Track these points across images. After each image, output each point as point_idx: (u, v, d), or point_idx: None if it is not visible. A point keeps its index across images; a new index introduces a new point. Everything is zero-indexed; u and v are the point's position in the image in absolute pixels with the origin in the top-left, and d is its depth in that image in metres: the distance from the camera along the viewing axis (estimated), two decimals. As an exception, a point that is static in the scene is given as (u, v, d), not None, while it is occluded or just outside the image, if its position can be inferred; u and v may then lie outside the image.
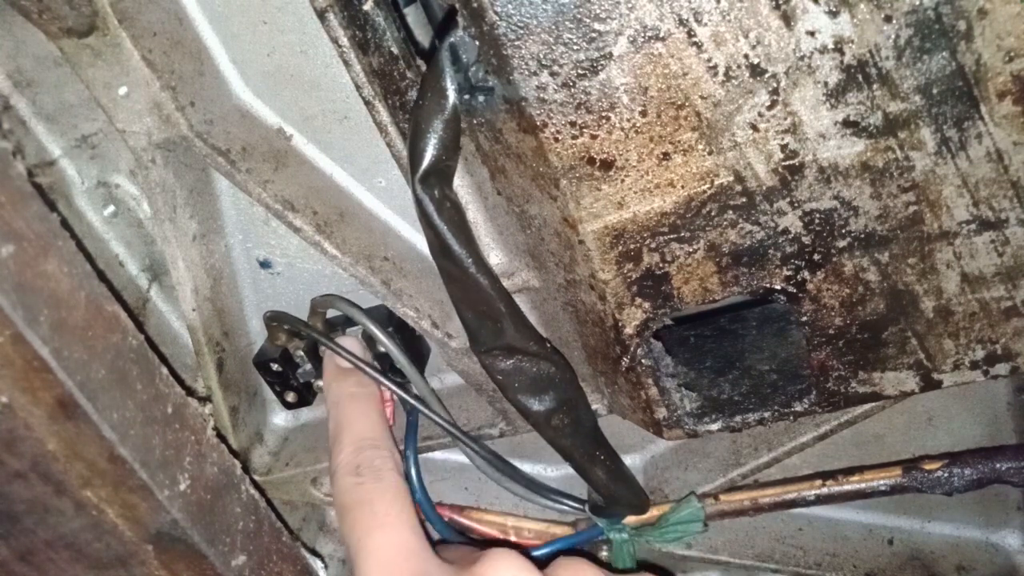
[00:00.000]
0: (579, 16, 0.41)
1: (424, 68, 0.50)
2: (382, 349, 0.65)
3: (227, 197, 0.66)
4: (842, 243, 0.47)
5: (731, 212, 0.47)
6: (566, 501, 0.71)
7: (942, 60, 0.40)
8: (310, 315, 0.67)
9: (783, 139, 0.44)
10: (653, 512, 0.71)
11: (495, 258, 0.58)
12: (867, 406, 0.62)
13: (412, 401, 0.65)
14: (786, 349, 0.58)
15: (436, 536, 0.71)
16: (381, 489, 0.58)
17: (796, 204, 0.46)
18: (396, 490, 0.58)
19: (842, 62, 0.41)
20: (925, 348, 0.50)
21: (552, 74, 0.43)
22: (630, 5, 0.41)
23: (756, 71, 0.42)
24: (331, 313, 0.68)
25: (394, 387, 0.64)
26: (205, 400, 0.69)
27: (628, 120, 0.44)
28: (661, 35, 0.41)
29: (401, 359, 0.64)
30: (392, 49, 0.49)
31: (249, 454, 0.75)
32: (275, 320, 0.67)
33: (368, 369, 0.64)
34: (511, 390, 0.56)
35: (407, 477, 0.70)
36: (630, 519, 0.71)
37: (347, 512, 0.58)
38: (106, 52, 0.55)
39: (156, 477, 0.49)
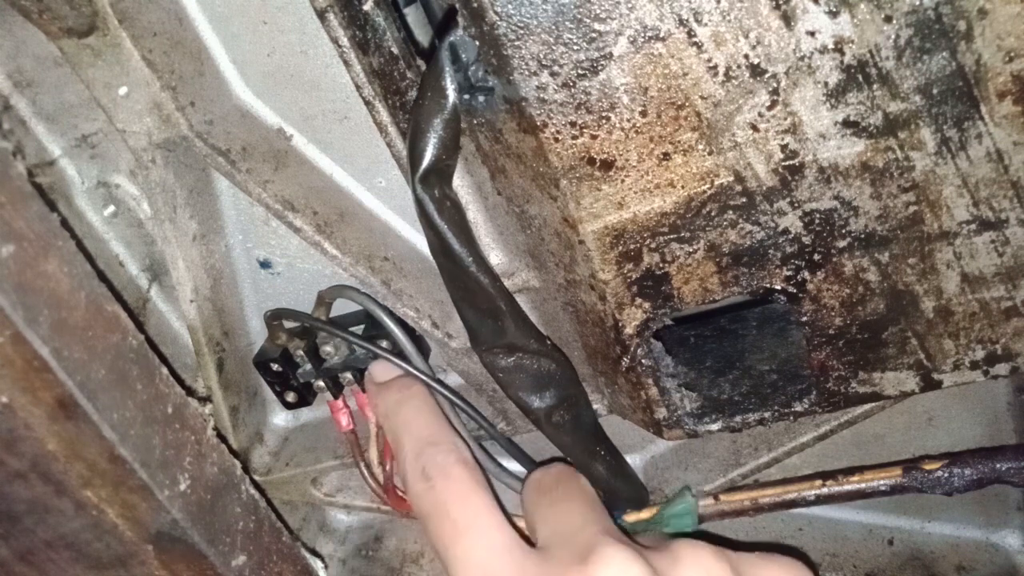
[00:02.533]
0: (579, 16, 0.41)
1: (424, 68, 0.50)
2: (387, 345, 0.65)
3: (227, 197, 0.66)
4: (842, 243, 0.47)
5: (731, 212, 0.47)
6: (566, 501, 0.71)
7: (942, 60, 0.40)
8: (316, 306, 0.66)
9: (783, 139, 0.44)
10: (652, 510, 0.71)
11: (495, 258, 0.58)
12: (867, 406, 0.62)
13: (447, 394, 0.64)
14: (786, 349, 0.58)
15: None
16: (453, 489, 0.54)
17: (796, 204, 0.46)
18: (468, 486, 0.54)
19: (842, 62, 0.41)
20: (925, 348, 0.50)
21: (552, 74, 0.43)
22: (630, 5, 0.41)
23: (756, 71, 0.42)
24: (334, 314, 0.68)
25: (429, 380, 0.63)
26: (205, 400, 0.69)
27: (628, 120, 0.44)
28: (661, 35, 0.41)
29: (408, 347, 0.64)
30: (392, 49, 0.49)
31: (249, 454, 0.75)
32: (276, 317, 0.67)
33: (390, 357, 0.63)
34: (512, 387, 0.56)
35: None
36: (628, 516, 0.71)
37: (428, 521, 0.55)
38: (106, 52, 0.55)
39: (156, 477, 0.49)
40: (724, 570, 0.48)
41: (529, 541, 0.53)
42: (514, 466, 0.73)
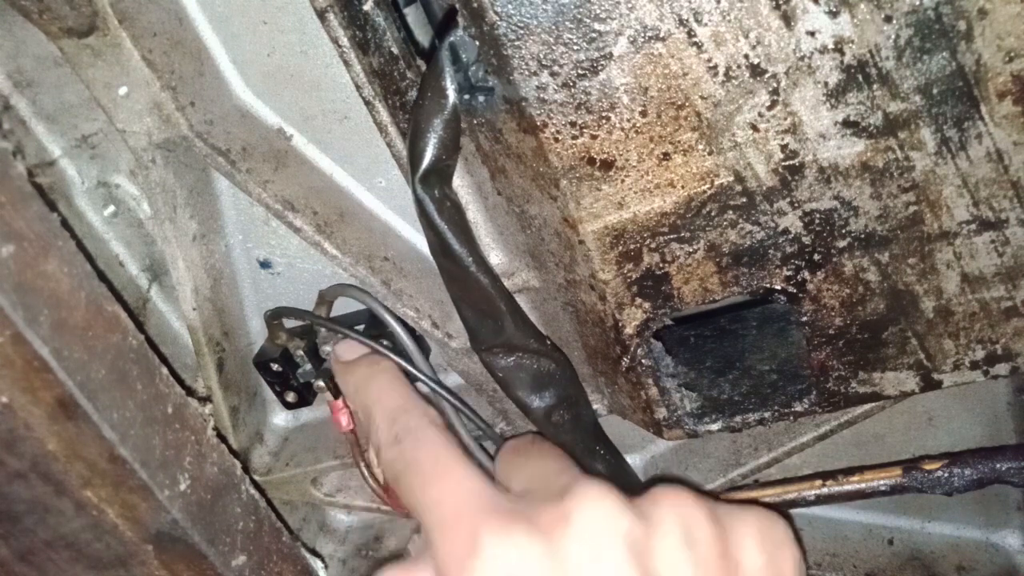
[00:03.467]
0: (579, 16, 0.41)
1: (424, 68, 0.50)
2: (387, 344, 0.65)
3: (227, 197, 0.66)
4: (842, 243, 0.47)
5: (731, 212, 0.47)
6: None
7: (942, 60, 0.40)
8: (317, 305, 0.66)
9: (783, 139, 0.44)
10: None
11: (495, 258, 0.58)
12: (867, 406, 0.62)
13: (412, 371, 0.63)
14: (786, 349, 0.58)
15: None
16: (423, 446, 0.54)
17: (796, 204, 0.46)
18: (439, 442, 0.54)
19: (842, 62, 0.41)
20: (925, 348, 0.50)
21: (552, 74, 0.43)
22: (630, 5, 0.41)
23: (756, 71, 0.42)
24: (334, 313, 0.67)
25: (398, 359, 0.63)
26: (205, 400, 0.69)
27: (628, 120, 0.44)
28: (661, 35, 0.41)
29: (409, 345, 0.63)
30: (392, 49, 0.49)
31: (249, 454, 0.75)
32: (276, 316, 0.67)
33: (372, 344, 0.63)
34: (512, 387, 0.56)
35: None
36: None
37: (400, 481, 0.54)
38: (106, 52, 0.55)
39: (156, 477, 0.49)
40: (702, 513, 0.46)
41: None
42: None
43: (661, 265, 0.49)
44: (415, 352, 0.64)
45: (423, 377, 0.63)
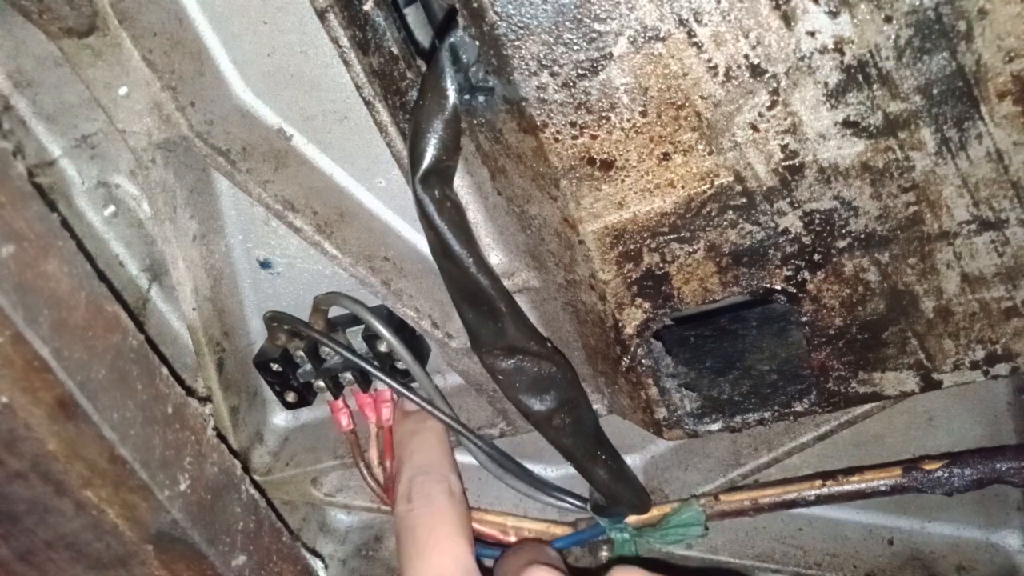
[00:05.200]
0: (579, 16, 0.41)
1: (424, 68, 0.50)
2: (384, 348, 0.65)
3: (227, 197, 0.66)
4: (842, 243, 0.47)
5: (731, 212, 0.47)
6: (569, 499, 0.71)
7: (942, 60, 0.40)
8: (312, 313, 0.67)
9: (783, 139, 0.44)
10: (654, 513, 0.71)
11: (495, 258, 0.58)
12: (867, 406, 0.62)
13: (418, 401, 0.65)
14: (786, 349, 0.58)
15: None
16: (428, 514, 0.58)
17: (796, 204, 0.46)
18: (442, 514, 0.58)
19: (842, 62, 0.41)
20: (925, 348, 0.50)
21: (552, 74, 0.43)
22: (630, 5, 0.41)
23: (756, 71, 0.42)
24: (332, 313, 0.68)
25: (400, 387, 0.65)
26: (205, 400, 0.69)
27: (628, 120, 0.44)
28: (661, 35, 0.41)
29: (405, 356, 0.64)
30: (392, 49, 0.49)
31: (249, 454, 0.75)
32: (275, 320, 0.67)
33: (367, 367, 0.64)
34: (512, 390, 0.56)
35: None
36: (631, 519, 0.71)
37: (398, 539, 0.59)
38: (106, 52, 0.55)
39: (156, 477, 0.49)
40: None
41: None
42: (531, 465, 0.73)
43: (661, 265, 0.49)
44: (411, 362, 0.65)
45: (421, 403, 0.65)
